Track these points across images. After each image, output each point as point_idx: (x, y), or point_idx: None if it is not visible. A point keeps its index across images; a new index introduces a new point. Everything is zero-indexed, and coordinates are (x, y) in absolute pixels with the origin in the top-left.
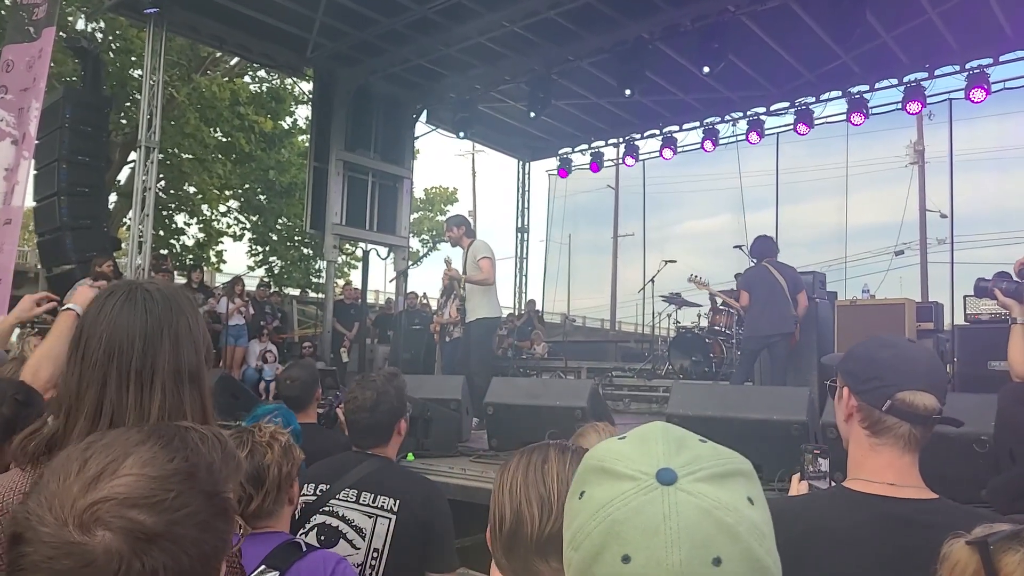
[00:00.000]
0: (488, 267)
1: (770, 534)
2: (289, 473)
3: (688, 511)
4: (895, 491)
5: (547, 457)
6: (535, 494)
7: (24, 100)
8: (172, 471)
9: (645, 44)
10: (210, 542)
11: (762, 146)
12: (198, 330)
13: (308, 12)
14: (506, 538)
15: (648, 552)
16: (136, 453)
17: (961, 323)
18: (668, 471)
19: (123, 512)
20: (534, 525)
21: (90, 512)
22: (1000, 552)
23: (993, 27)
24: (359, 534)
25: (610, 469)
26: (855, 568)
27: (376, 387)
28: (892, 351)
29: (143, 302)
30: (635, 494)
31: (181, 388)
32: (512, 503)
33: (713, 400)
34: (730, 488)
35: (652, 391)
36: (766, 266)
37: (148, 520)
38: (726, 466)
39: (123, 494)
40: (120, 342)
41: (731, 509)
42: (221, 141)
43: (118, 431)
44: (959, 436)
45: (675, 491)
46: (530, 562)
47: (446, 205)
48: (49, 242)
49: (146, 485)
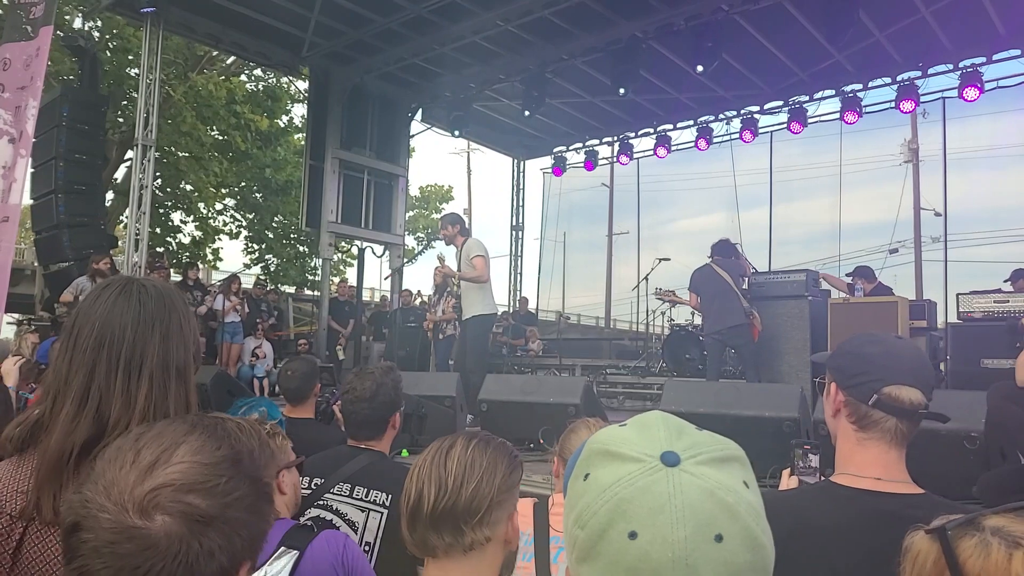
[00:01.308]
0: (481, 265)
1: (763, 515)
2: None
3: (691, 491)
4: (882, 486)
5: (454, 444)
6: (435, 475)
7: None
8: (221, 458)
9: (639, 43)
10: (257, 524)
11: (756, 145)
12: (189, 329)
13: (303, 11)
14: (409, 514)
15: (654, 529)
16: (187, 442)
17: (954, 321)
18: (672, 454)
19: (180, 497)
20: (430, 501)
21: (149, 498)
22: (958, 538)
23: (986, 26)
24: (351, 528)
25: (615, 452)
26: (842, 562)
27: (375, 378)
28: (879, 347)
29: (137, 295)
30: (641, 474)
31: (168, 381)
32: (416, 483)
33: (705, 397)
34: (728, 471)
35: (646, 388)
36: (710, 265)
37: (204, 504)
38: (724, 451)
39: (179, 480)
40: (112, 331)
41: (731, 490)
42: (217, 139)
43: (164, 422)
44: (950, 433)
45: (679, 472)
46: (426, 536)
47: (441, 203)
48: (46, 240)
49: (199, 471)
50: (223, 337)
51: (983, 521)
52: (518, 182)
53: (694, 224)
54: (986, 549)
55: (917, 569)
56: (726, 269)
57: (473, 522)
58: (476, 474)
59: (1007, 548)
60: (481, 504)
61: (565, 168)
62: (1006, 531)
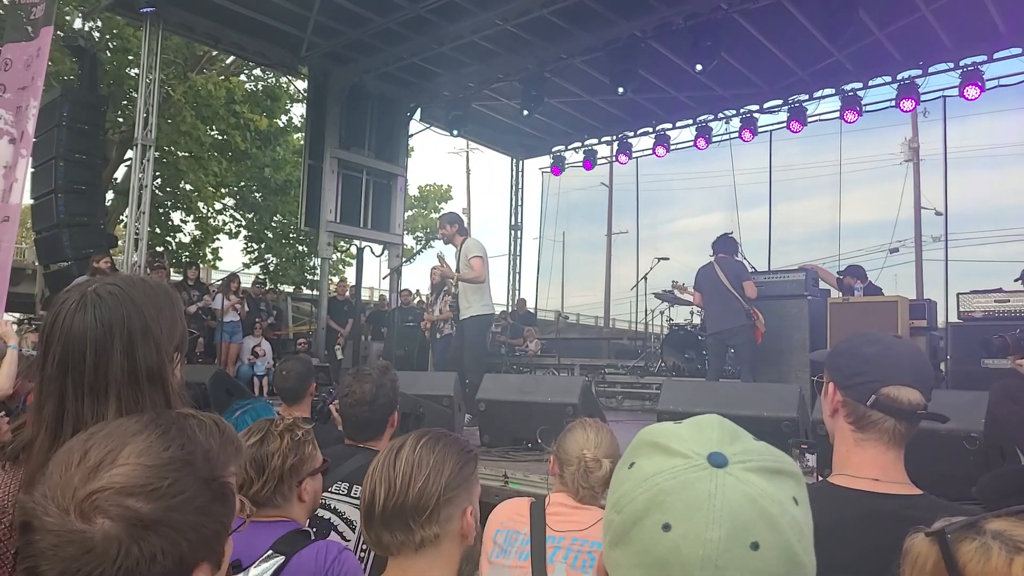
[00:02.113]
0: (479, 266)
1: (810, 537)
2: (295, 467)
3: (733, 494)
4: (879, 486)
5: (403, 444)
6: (385, 475)
7: (22, 99)
8: (168, 459)
9: (638, 42)
10: (210, 526)
11: (755, 144)
12: (158, 326)
13: (302, 11)
14: (365, 515)
15: (688, 525)
16: (133, 443)
17: (955, 320)
18: (720, 455)
19: (120, 500)
20: (381, 501)
21: (89, 501)
22: (958, 542)
23: (987, 24)
24: (349, 526)
25: (664, 445)
26: (839, 563)
27: (374, 380)
28: (877, 347)
29: (92, 309)
30: (685, 470)
31: (139, 393)
32: (370, 484)
33: (704, 397)
34: (778, 484)
35: (645, 388)
36: (712, 264)
37: (144, 507)
38: (777, 463)
39: (120, 483)
40: (72, 355)
41: (776, 501)
42: (217, 139)
43: (119, 420)
44: (950, 433)
45: (724, 474)
46: (380, 534)
47: (440, 203)
48: (46, 239)
49: (142, 474)
50: (222, 336)
51: (984, 525)
52: (517, 181)
53: (693, 224)
54: (986, 553)
55: (916, 572)
56: (726, 269)
57: (421, 520)
58: (423, 472)
59: (1008, 553)
60: (428, 502)
61: (564, 167)
62: (1007, 535)
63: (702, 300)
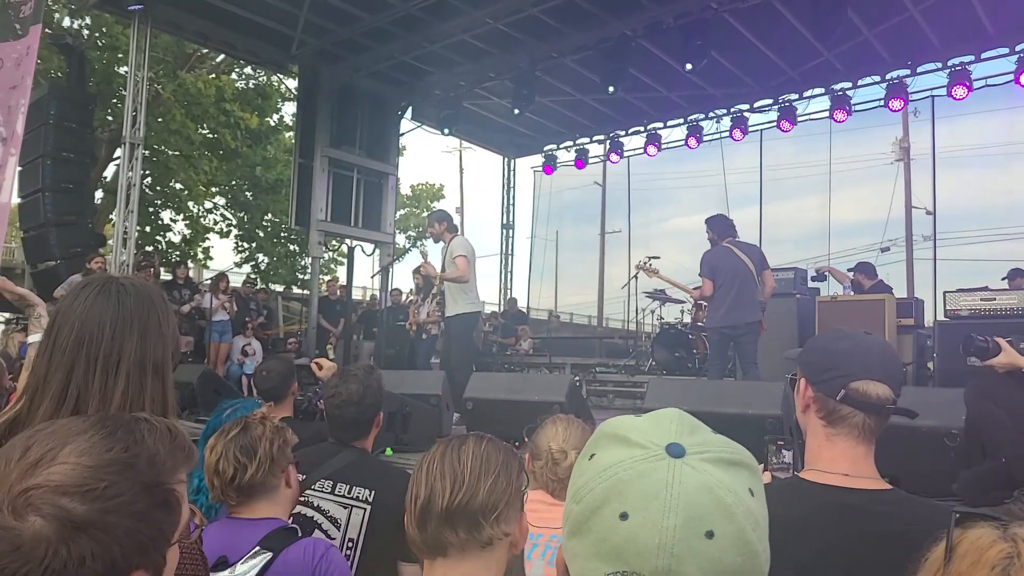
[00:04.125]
0: (463, 265)
1: (764, 527)
2: (281, 449)
3: (690, 483)
4: (849, 481)
5: (464, 441)
6: (449, 470)
7: (12, 98)
8: (108, 461)
9: (628, 41)
10: (147, 532)
11: (746, 143)
12: (167, 327)
13: (293, 9)
14: (419, 512)
15: (646, 513)
16: (75, 442)
17: (942, 319)
18: (678, 446)
19: (54, 499)
20: (445, 496)
21: (23, 498)
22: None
23: (974, 24)
24: (334, 524)
25: (623, 436)
26: (808, 557)
27: (360, 380)
28: (848, 342)
29: (116, 294)
30: (643, 460)
31: (144, 378)
32: (428, 479)
33: (689, 395)
34: (735, 474)
35: (636, 387)
36: (728, 247)
37: (78, 508)
38: (734, 455)
39: (56, 481)
40: (91, 330)
41: (732, 491)
42: (207, 138)
43: (66, 420)
44: (931, 430)
45: (681, 464)
46: (440, 532)
47: (432, 201)
48: (33, 238)
49: (80, 474)
50: (211, 336)
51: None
52: (509, 180)
53: (685, 223)
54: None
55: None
56: (749, 254)
57: (492, 517)
58: (493, 469)
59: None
60: (500, 499)
61: (556, 166)
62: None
63: (715, 288)
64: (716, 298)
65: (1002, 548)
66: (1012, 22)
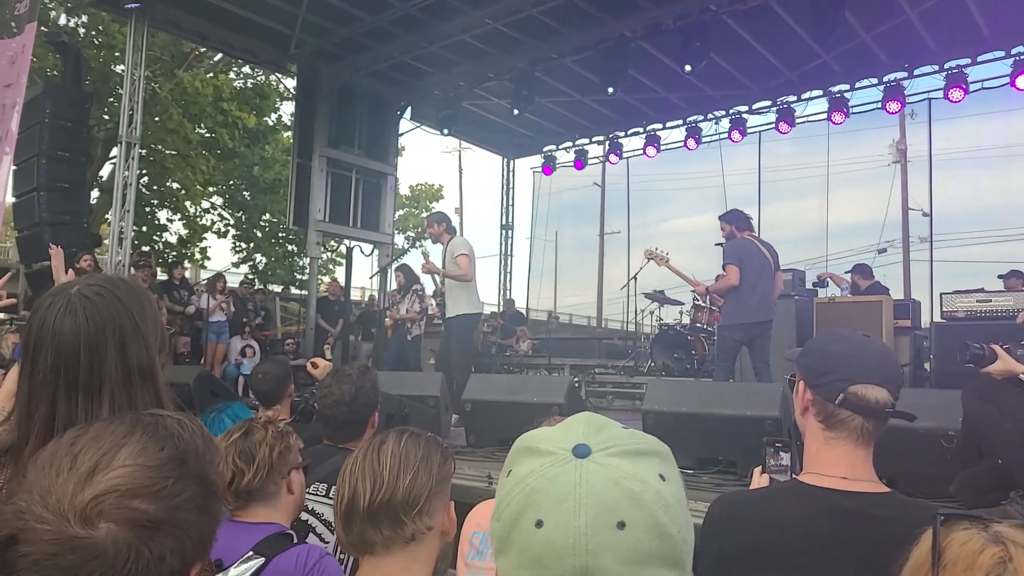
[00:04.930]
0: (466, 264)
1: (678, 507)
2: (282, 455)
3: (596, 479)
4: (847, 484)
5: (385, 439)
6: (369, 470)
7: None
8: (166, 459)
9: (628, 42)
10: (208, 523)
11: (745, 144)
12: (145, 323)
13: (291, 8)
14: (344, 513)
15: (558, 517)
16: (128, 444)
17: (938, 320)
18: (584, 446)
19: (126, 503)
20: (366, 497)
21: (92, 506)
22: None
23: (971, 28)
24: (328, 528)
25: (534, 447)
26: (807, 560)
27: (353, 381)
28: (845, 345)
29: (83, 310)
30: (552, 466)
31: (131, 390)
32: (351, 480)
33: (688, 396)
34: (642, 464)
35: (635, 388)
36: (752, 240)
37: (151, 508)
38: (639, 445)
39: (124, 485)
40: (65, 357)
41: (638, 480)
42: (205, 137)
43: (101, 423)
44: (928, 432)
45: (587, 463)
46: (364, 532)
47: (432, 202)
48: (28, 238)
49: (144, 475)
50: (208, 337)
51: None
52: (508, 181)
53: (684, 224)
54: (969, 540)
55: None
56: (767, 250)
57: (413, 512)
58: (412, 465)
59: (986, 542)
60: (420, 494)
61: (555, 167)
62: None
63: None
64: (743, 291)
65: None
66: (1008, 26)
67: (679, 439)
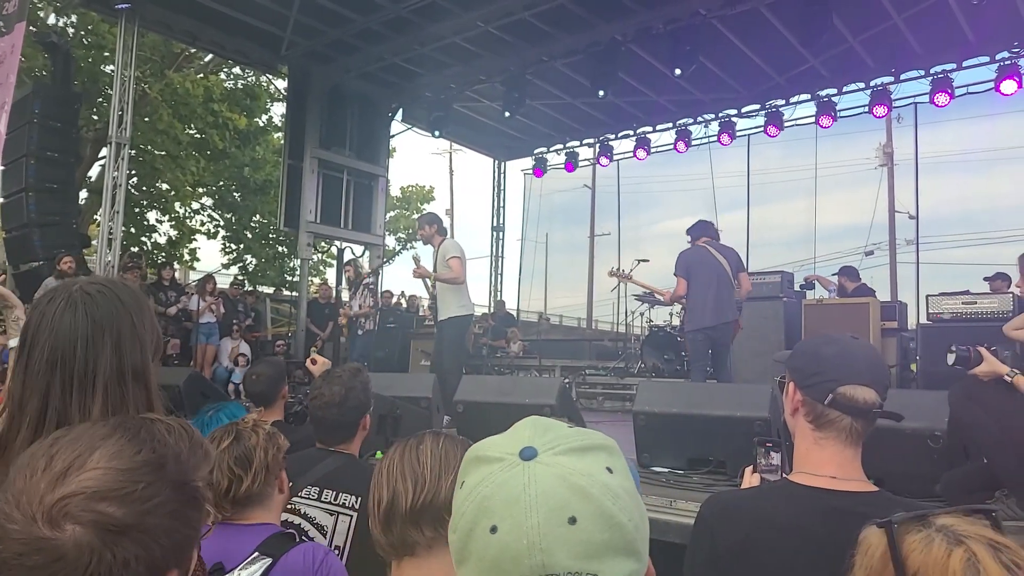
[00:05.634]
0: (457, 266)
1: (627, 497)
2: (275, 457)
3: (545, 479)
4: (836, 484)
5: (422, 440)
6: (409, 471)
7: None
8: (140, 463)
9: (618, 46)
10: (182, 531)
11: (734, 147)
12: (143, 326)
13: (282, 10)
14: (384, 514)
15: (511, 520)
16: (103, 447)
17: (925, 322)
18: (530, 448)
19: (92, 506)
20: (408, 497)
21: (59, 507)
22: (905, 533)
23: (956, 33)
24: (320, 531)
25: (483, 456)
26: (797, 559)
27: (343, 382)
28: (835, 347)
29: (83, 306)
30: (500, 471)
31: (124, 388)
32: (389, 482)
33: (678, 397)
34: (588, 459)
35: (625, 389)
36: (704, 247)
37: (118, 512)
38: (585, 442)
39: (92, 488)
40: (63, 350)
41: (585, 474)
42: (195, 138)
43: (84, 426)
44: (914, 432)
45: (535, 464)
46: (406, 533)
47: (423, 203)
48: (16, 239)
49: (114, 478)
50: (198, 338)
51: (933, 519)
52: (499, 183)
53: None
54: (929, 544)
55: (867, 561)
56: (725, 255)
57: None
58: (452, 465)
59: (948, 545)
60: None
61: (546, 169)
62: (951, 529)
63: (688, 289)
64: (695, 298)
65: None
66: (993, 31)
67: (669, 440)
